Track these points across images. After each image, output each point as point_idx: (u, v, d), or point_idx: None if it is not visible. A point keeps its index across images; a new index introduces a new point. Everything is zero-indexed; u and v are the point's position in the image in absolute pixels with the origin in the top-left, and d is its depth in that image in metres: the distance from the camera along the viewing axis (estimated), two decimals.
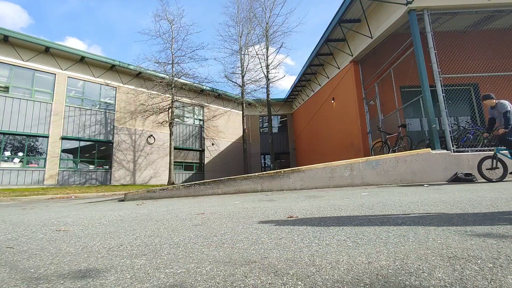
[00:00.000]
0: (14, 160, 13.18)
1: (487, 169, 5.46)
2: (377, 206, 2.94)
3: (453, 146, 6.73)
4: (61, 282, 1.21)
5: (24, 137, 13.57)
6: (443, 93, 6.86)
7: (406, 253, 1.34)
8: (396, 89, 9.77)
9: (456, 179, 6.09)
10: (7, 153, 13.09)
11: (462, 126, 9.03)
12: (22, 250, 1.83)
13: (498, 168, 5.44)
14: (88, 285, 1.16)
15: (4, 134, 13.04)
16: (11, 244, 2.02)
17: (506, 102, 5.19)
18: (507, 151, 5.32)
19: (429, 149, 6.68)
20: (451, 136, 6.78)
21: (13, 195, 8.70)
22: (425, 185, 5.36)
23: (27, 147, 13.59)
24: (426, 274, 1.07)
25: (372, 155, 9.12)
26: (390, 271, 1.13)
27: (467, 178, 5.92)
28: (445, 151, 6.66)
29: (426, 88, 7.19)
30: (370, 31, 9.78)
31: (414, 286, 0.97)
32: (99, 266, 1.41)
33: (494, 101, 5.36)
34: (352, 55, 11.52)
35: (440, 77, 6.94)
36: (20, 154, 13.39)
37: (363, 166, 6.46)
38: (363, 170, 6.44)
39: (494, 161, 5.44)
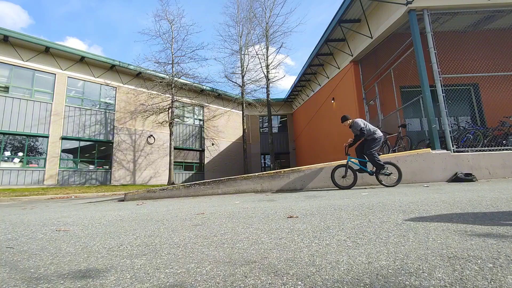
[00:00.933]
0: (14, 160, 13.18)
1: (341, 177, 5.84)
2: (377, 206, 2.94)
3: (453, 146, 6.73)
4: (61, 282, 1.21)
5: (24, 137, 13.57)
6: (443, 93, 6.86)
7: (406, 253, 1.34)
8: (396, 89, 9.77)
9: (456, 179, 6.09)
10: (7, 153, 13.09)
11: (462, 126, 9.03)
12: (22, 250, 1.83)
13: (348, 176, 5.82)
14: (88, 285, 1.16)
15: (4, 134, 13.04)
16: (11, 244, 2.02)
17: (359, 121, 5.84)
18: (357, 160, 5.96)
19: (429, 149, 6.68)
20: (451, 136, 6.78)
21: (13, 195, 8.70)
22: (425, 185, 5.36)
23: (27, 147, 13.59)
24: (426, 274, 1.07)
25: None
26: (390, 271, 1.13)
27: (467, 178, 5.92)
28: (445, 151, 6.66)
29: (426, 88, 7.19)
30: (370, 31, 9.78)
31: (414, 286, 0.97)
32: (99, 266, 1.41)
33: (349, 121, 6.00)
34: (352, 55, 11.52)
35: (440, 77, 6.94)
36: (20, 154, 13.39)
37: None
38: None
39: (346, 169, 5.85)
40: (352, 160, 5.91)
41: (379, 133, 5.78)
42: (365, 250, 1.44)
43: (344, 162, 6.00)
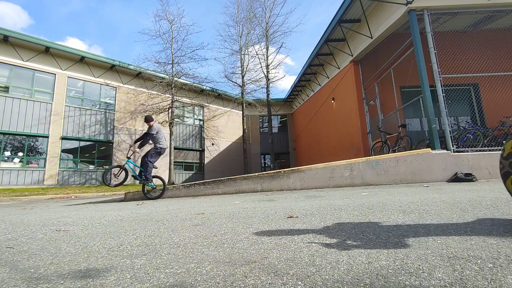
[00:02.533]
0: (14, 160, 13.19)
1: (114, 175, 6.21)
2: (377, 206, 2.94)
3: (453, 146, 6.72)
4: (61, 282, 1.21)
5: (24, 137, 13.57)
6: (443, 93, 6.86)
7: (406, 253, 1.34)
8: (396, 89, 9.77)
9: (456, 179, 6.09)
10: (7, 153, 13.10)
11: (462, 126, 9.03)
12: (22, 250, 1.83)
13: (122, 175, 6.11)
14: (88, 285, 1.16)
15: (4, 134, 13.04)
16: (11, 244, 2.02)
17: (156, 126, 6.24)
18: (132, 164, 6.31)
19: (429, 149, 6.68)
20: (451, 136, 6.77)
21: (13, 195, 8.70)
22: (425, 185, 5.36)
23: (27, 147, 13.59)
24: (426, 274, 1.07)
25: (372, 155, 9.12)
26: (390, 271, 1.13)
27: (467, 178, 5.92)
28: (445, 151, 6.66)
29: (426, 88, 7.19)
30: (370, 31, 9.78)
31: (414, 286, 0.97)
32: (99, 266, 1.41)
33: (152, 123, 6.24)
34: (352, 55, 11.52)
35: (440, 77, 6.94)
36: (20, 154, 13.40)
37: (363, 166, 6.46)
38: (363, 170, 6.44)
39: (121, 169, 6.16)
40: (130, 164, 6.22)
41: (163, 146, 6.28)
42: (365, 250, 1.44)
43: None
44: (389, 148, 9.01)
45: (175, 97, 16.50)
